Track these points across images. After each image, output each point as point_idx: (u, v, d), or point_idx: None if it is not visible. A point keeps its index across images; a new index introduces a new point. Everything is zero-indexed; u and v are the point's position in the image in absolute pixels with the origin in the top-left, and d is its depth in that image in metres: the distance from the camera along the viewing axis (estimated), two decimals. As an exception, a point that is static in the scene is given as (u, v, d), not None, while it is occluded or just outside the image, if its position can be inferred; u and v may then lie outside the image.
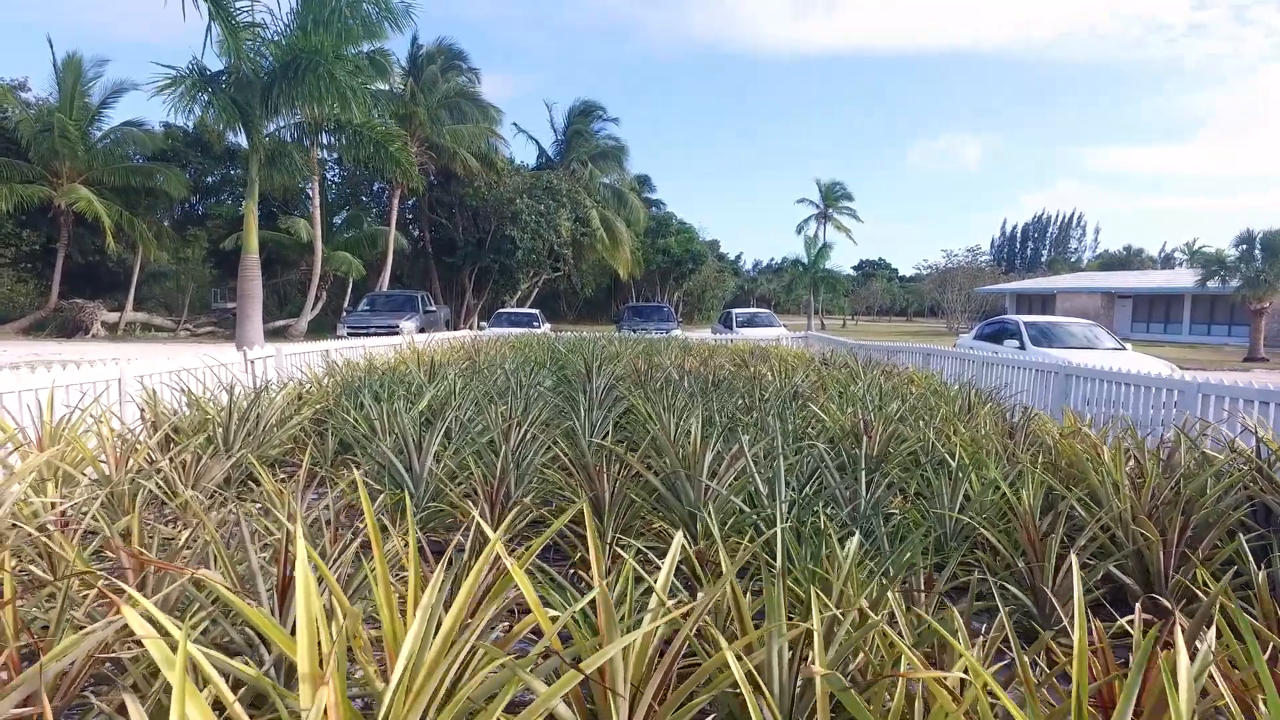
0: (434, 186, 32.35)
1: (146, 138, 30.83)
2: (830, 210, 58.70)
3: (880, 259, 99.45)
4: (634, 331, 18.92)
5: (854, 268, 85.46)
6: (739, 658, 1.64)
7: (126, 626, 1.89)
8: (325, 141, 18.32)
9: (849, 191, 59.86)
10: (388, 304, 22.57)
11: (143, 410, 4.61)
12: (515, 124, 60.44)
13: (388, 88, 21.86)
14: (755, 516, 3.58)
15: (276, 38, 14.34)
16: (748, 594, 2.51)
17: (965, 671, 1.74)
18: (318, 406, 5.56)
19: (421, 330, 18.40)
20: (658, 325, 22.10)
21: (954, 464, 4.24)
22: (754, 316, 25.12)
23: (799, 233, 62.27)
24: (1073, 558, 2.14)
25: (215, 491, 4.26)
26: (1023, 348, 12.57)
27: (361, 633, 1.69)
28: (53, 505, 3.23)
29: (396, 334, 16.97)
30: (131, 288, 30.63)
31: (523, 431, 4.64)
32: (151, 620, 1.49)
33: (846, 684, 1.53)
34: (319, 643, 1.55)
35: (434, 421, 5.11)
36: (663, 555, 2.92)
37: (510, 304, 32.52)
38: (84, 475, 4.20)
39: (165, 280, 36.52)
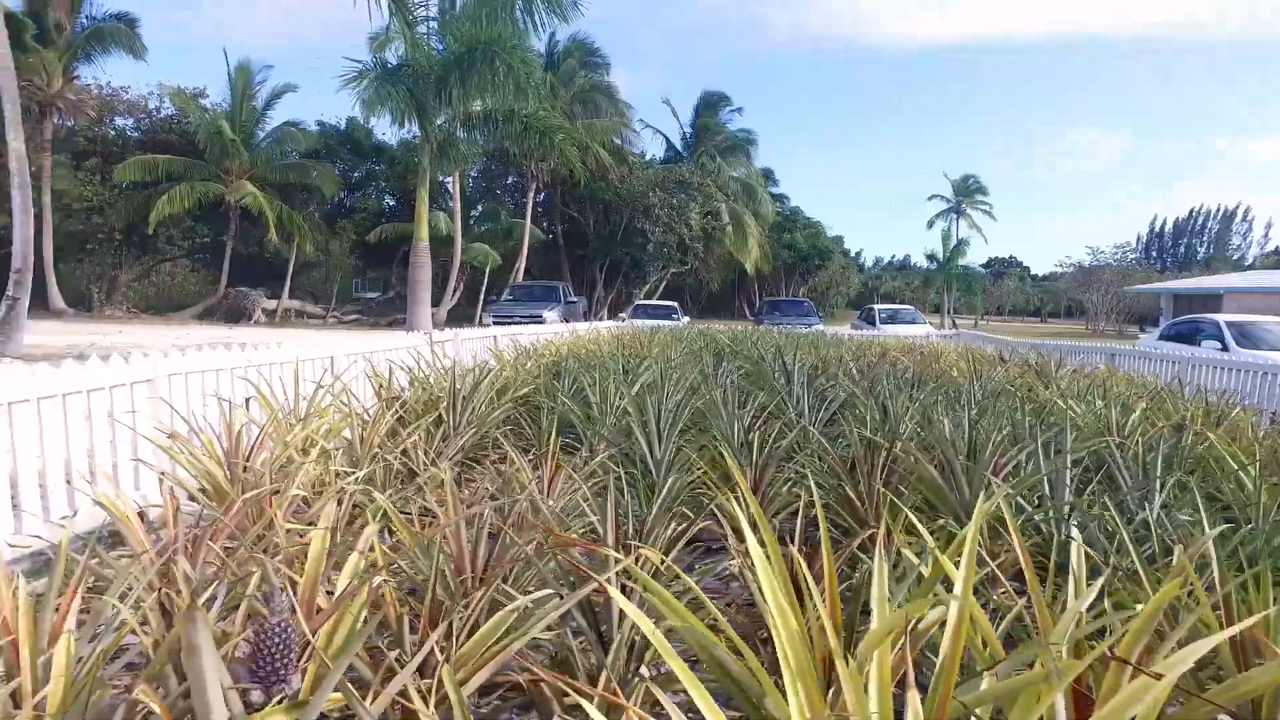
0: (566, 180, 32.91)
1: (302, 136, 32.88)
2: (964, 205, 56.30)
3: (1011, 256, 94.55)
4: (776, 326, 18.53)
5: (983, 265, 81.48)
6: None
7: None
8: (484, 134, 18.82)
9: (983, 185, 57.23)
10: (531, 294, 23.06)
11: (379, 388, 4.73)
12: (643, 119, 60.70)
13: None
14: (1042, 516, 3.27)
15: (434, 35, 14.85)
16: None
17: None
18: (526, 389, 5.58)
19: (564, 320, 18.67)
20: (800, 320, 21.62)
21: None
22: (897, 313, 24.20)
23: (929, 227, 60.09)
24: None
25: (456, 467, 4.29)
26: (1225, 349, 11.44)
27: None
28: (338, 475, 3.28)
29: (540, 323, 17.27)
30: (288, 277, 32.68)
31: (753, 419, 4.47)
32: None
33: None
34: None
35: (644, 407, 5.02)
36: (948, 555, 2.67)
37: (639, 297, 32.69)
38: (332, 448, 4.32)
39: (314, 270, 38.78)
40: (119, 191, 29.24)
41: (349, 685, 1.25)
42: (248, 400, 4.90)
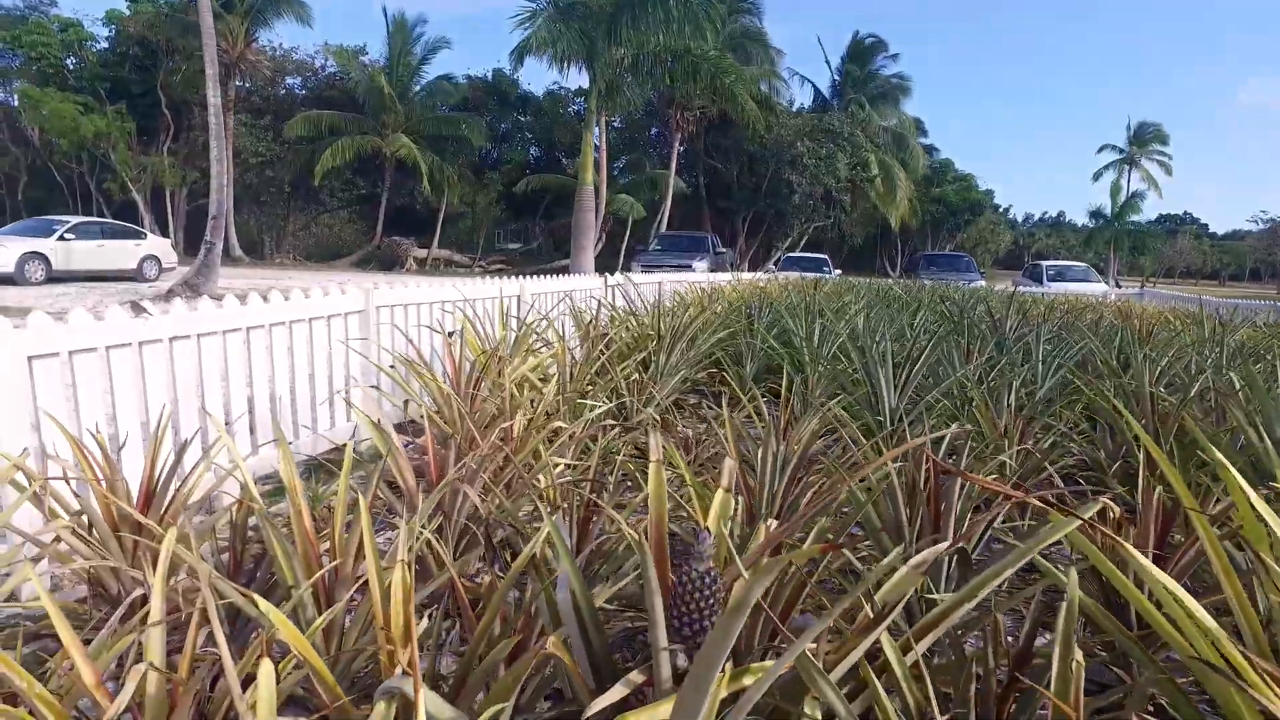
0: (711, 130, 32.15)
1: (453, 89, 33.73)
2: (1138, 156, 51.22)
3: (1186, 213, 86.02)
4: (932, 281, 17.39)
5: (1153, 222, 74.28)
6: None
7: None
8: (652, 75, 18.26)
9: (1163, 133, 51.77)
10: (678, 244, 22.67)
11: (588, 326, 4.56)
12: (790, 67, 58.30)
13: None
14: None
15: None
16: None
17: None
18: (726, 331, 5.29)
19: (713, 271, 18.27)
20: (960, 276, 20.23)
21: None
22: (1067, 269, 22.28)
23: (1095, 180, 55.39)
24: None
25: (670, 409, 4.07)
26: None
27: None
28: (548, 414, 3.10)
29: (690, 273, 16.94)
30: (437, 227, 33.85)
31: (981, 371, 4.00)
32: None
33: None
34: None
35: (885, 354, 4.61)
36: None
37: (780, 250, 31.79)
38: (540, 384, 4.19)
39: (460, 221, 40.01)
40: (288, 146, 31.04)
41: (807, 653, 0.98)
42: (450, 334, 4.87)
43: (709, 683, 0.82)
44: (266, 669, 1.02)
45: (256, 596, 1.12)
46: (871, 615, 1.07)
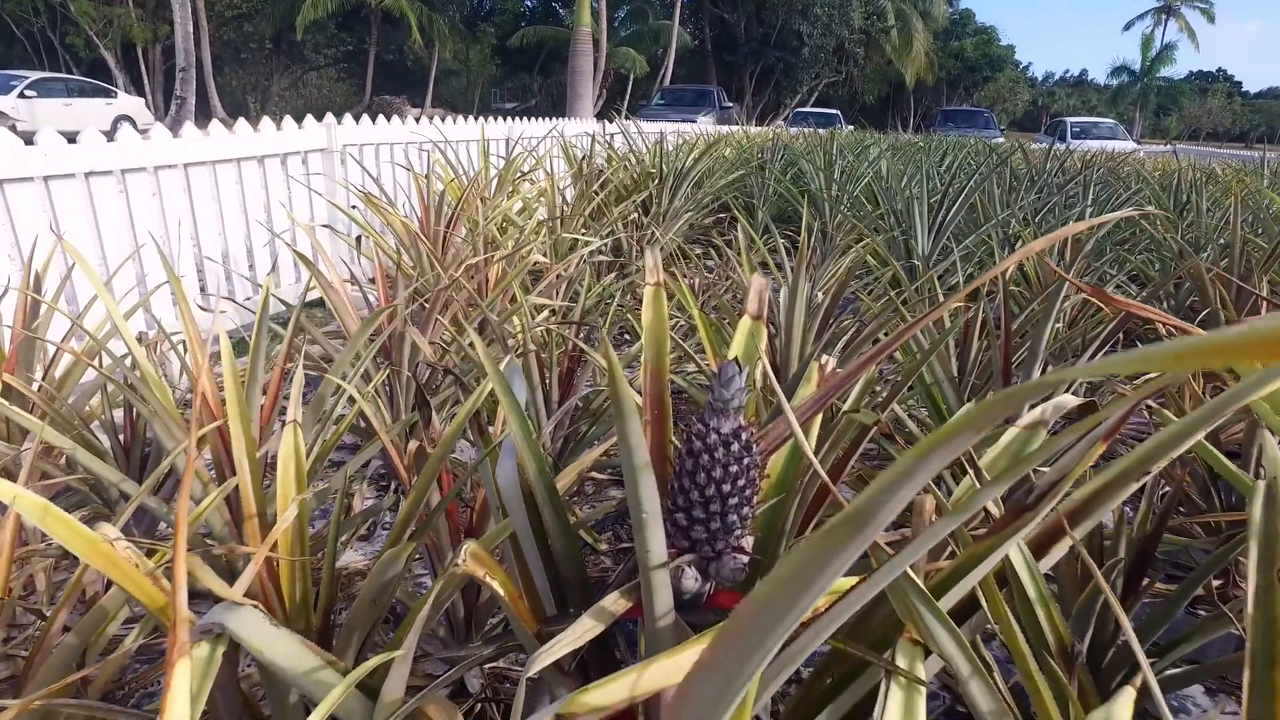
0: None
1: (441, -76, 31.04)
2: (1177, 3, 47.92)
3: (1220, 69, 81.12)
4: (948, 136, 16.40)
5: (1184, 79, 70.19)
6: None
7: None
8: None
9: (1215, -26, 48.24)
10: (682, 98, 21.37)
11: (581, 164, 3.99)
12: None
13: None
14: None
15: None
16: None
17: None
18: (733, 174, 4.73)
19: (719, 125, 17.22)
20: (980, 132, 19.12)
21: None
22: (1092, 126, 20.96)
23: (1125, 30, 52.41)
24: None
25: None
26: None
27: None
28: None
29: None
30: (429, 85, 32.09)
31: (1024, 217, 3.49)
32: None
33: None
34: None
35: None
36: None
37: (789, 107, 30.17)
38: (521, 224, 3.70)
39: (453, 79, 37.87)
40: (265, -3, 28.99)
41: (910, 572, 0.56)
42: (428, 176, 4.34)
43: (770, 639, 0.41)
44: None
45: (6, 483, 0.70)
46: (998, 510, 0.65)
